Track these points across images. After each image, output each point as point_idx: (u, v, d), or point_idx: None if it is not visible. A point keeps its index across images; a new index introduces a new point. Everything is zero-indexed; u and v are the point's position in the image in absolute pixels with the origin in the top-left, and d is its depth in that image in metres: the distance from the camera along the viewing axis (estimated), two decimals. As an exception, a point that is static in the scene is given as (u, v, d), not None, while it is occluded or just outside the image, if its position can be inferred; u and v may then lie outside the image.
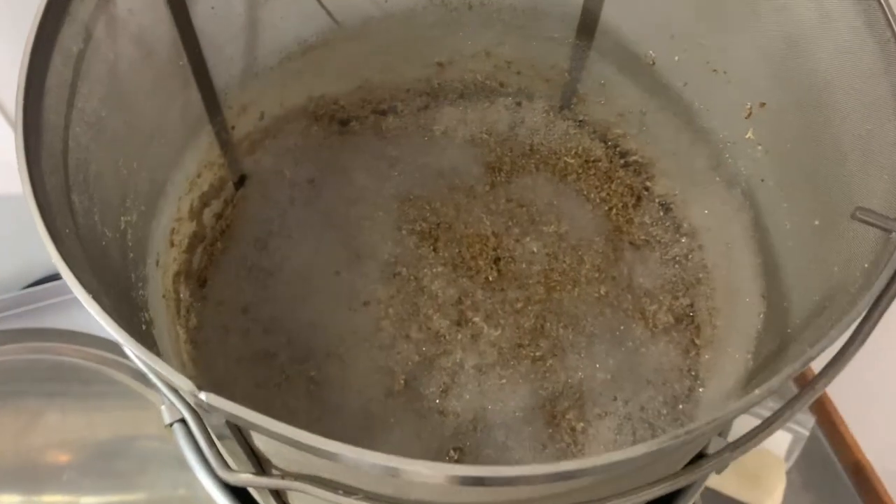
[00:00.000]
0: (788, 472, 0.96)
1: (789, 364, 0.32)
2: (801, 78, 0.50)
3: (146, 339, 0.50)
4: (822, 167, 0.49)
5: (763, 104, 0.56)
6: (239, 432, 0.34)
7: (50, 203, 0.36)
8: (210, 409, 0.30)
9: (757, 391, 0.31)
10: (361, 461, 0.29)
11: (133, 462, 0.88)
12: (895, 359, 0.97)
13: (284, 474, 0.37)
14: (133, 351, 0.31)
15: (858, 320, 0.33)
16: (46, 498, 0.82)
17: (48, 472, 0.83)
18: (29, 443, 0.84)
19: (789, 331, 0.49)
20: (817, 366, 0.36)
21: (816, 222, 0.49)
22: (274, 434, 0.30)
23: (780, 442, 0.97)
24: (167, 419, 0.59)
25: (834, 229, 0.46)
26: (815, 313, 0.44)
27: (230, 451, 0.38)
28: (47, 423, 0.86)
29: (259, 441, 0.35)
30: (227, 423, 0.33)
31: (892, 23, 0.42)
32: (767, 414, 0.36)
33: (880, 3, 0.43)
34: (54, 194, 0.38)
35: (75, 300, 0.32)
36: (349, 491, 0.35)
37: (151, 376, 0.40)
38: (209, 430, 0.37)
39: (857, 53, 0.44)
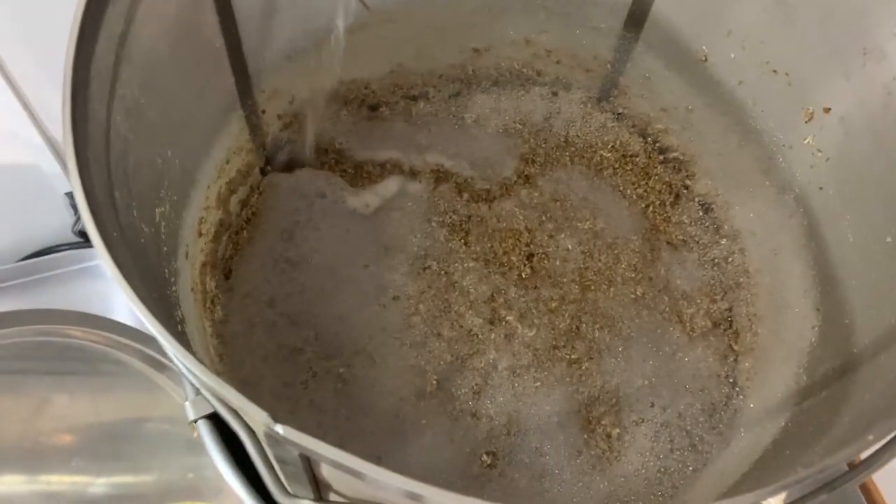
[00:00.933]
0: None
1: (881, 417, 0.30)
2: (877, 88, 0.48)
3: (182, 339, 0.47)
4: (895, 180, 0.47)
5: (828, 109, 0.54)
6: (307, 460, 0.32)
7: (99, 206, 0.34)
8: (285, 441, 0.28)
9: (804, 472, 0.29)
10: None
11: (142, 446, 0.86)
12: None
13: (346, 501, 0.35)
14: (203, 380, 0.29)
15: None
16: (55, 481, 0.80)
17: (56, 456, 0.81)
18: (37, 426, 0.81)
19: (855, 351, 0.47)
20: None
21: (889, 239, 0.47)
22: (351, 470, 0.28)
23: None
24: (192, 415, 0.57)
25: (912, 249, 0.44)
26: (889, 336, 0.42)
27: (287, 474, 0.36)
28: (55, 406, 0.83)
29: (325, 469, 0.33)
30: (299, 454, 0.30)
31: None
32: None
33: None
34: (101, 195, 0.35)
35: (74, 272, 0.29)
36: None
37: (191, 380, 0.38)
38: (267, 451, 0.34)
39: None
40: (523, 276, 0.69)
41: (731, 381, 0.65)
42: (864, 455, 0.32)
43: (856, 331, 0.48)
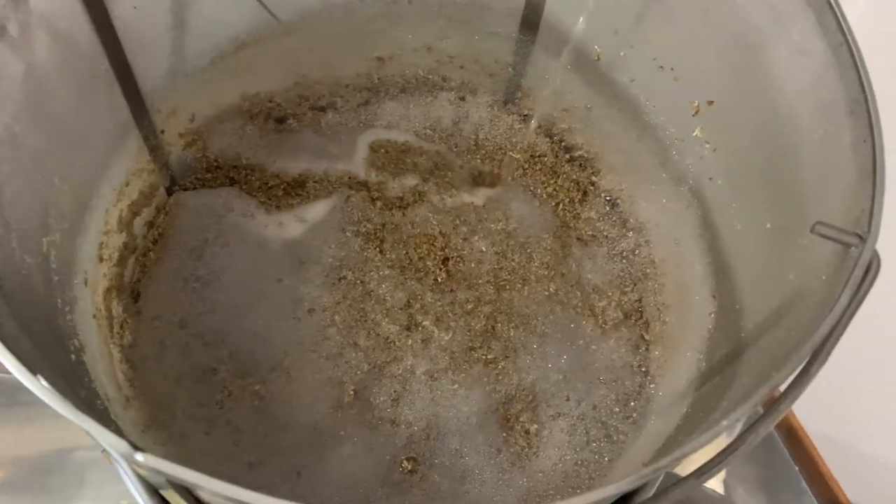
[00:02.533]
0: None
1: (747, 395, 0.31)
2: (752, 78, 0.50)
3: (77, 369, 0.46)
4: (774, 169, 0.48)
5: (711, 102, 0.56)
6: (183, 486, 0.32)
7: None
8: (151, 470, 0.28)
9: (705, 435, 0.30)
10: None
11: (71, 476, 0.85)
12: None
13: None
14: (62, 411, 0.28)
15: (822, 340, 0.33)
16: (-20, 521, 0.78)
17: (-21, 494, 0.79)
18: (-44, 465, 0.79)
19: (743, 335, 0.48)
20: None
21: (768, 225, 0.48)
22: (223, 496, 0.28)
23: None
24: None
25: (788, 234, 0.46)
26: (772, 321, 0.44)
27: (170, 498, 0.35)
28: (-25, 442, 0.81)
29: (204, 493, 0.33)
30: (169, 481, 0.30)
31: (844, 27, 0.41)
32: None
33: (831, 7, 0.42)
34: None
35: None
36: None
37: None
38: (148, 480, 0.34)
39: (810, 56, 0.44)
40: (439, 280, 0.70)
41: (643, 370, 0.66)
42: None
43: (744, 316, 0.50)
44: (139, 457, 0.27)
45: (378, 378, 0.64)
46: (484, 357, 0.66)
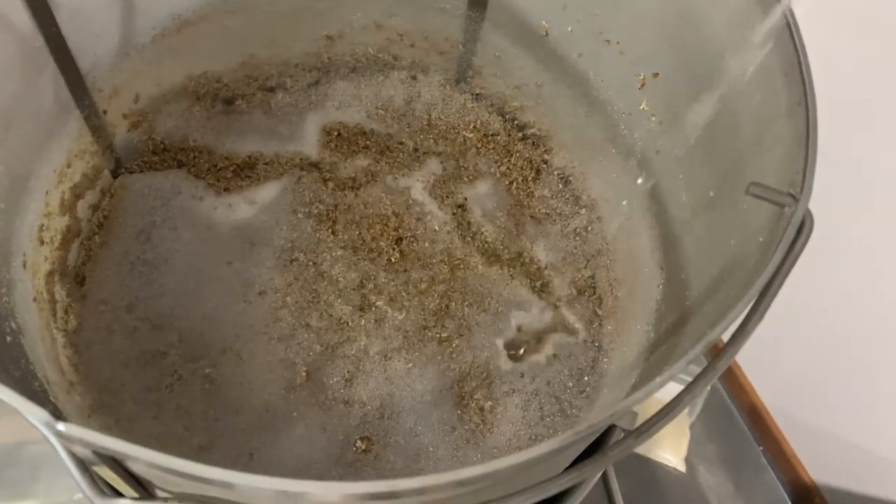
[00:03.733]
0: (692, 426, 0.99)
1: (689, 349, 0.31)
2: (692, 48, 0.50)
3: (13, 350, 0.45)
4: (715, 138, 0.49)
5: (656, 74, 0.56)
6: (113, 459, 0.31)
7: None
8: (73, 440, 0.27)
9: (657, 379, 0.31)
10: (250, 487, 0.26)
11: (23, 469, 0.83)
12: (783, 302, 1.01)
13: (171, 496, 0.34)
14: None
15: (757, 295, 0.33)
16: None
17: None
18: None
19: (688, 304, 0.49)
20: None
21: (711, 194, 0.49)
22: (150, 464, 0.27)
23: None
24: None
25: (729, 202, 0.46)
26: (714, 287, 0.44)
27: (104, 474, 0.35)
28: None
29: (137, 466, 0.32)
30: (95, 453, 0.29)
31: (778, -6, 0.41)
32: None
33: (766, -25, 0.42)
34: None
35: None
36: (241, 509, 0.33)
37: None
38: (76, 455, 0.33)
39: (747, 26, 0.44)
40: (392, 260, 0.69)
41: (596, 345, 0.67)
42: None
43: (690, 285, 0.51)
44: (61, 427, 0.27)
45: (331, 359, 0.64)
46: (438, 336, 0.66)
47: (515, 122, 0.75)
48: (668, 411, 0.34)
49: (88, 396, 0.57)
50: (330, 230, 0.70)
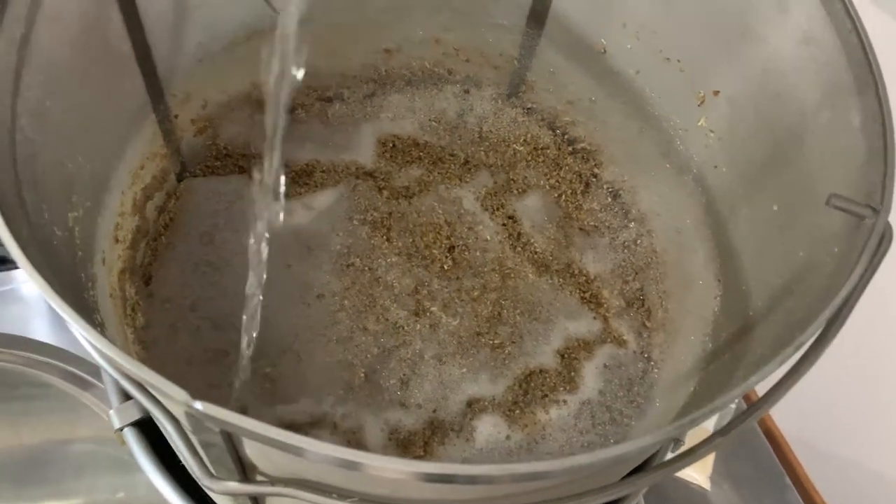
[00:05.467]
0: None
1: (768, 357, 0.33)
2: (757, 67, 0.52)
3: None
4: (780, 154, 0.50)
5: (717, 92, 0.57)
6: (230, 440, 0.33)
7: (7, 204, 0.34)
8: (205, 418, 0.29)
9: (736, 390, 0.32)
10: (387, 468, 0.28)
11: (67, 467, 0.85)
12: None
13: (273, 480, 0.36)
14: (118, 362, 0.29)
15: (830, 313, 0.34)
16: (-25, 512, 0.78)
17: (-26, 485, 0.79)
18: (-47, 455, 0.79)
19: (751, 313, 0.50)
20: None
21: (775, 207, 0.50)
22: (277, 443, 0.28)
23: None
24: (117, 423, 0.56)
25: (796, 214, 0.47)
26: (781, 296, 0.46)
27: (212, 458, 0.36)
28: (-30, 432, 0.81)
29: (249, 447, 0.34)
30: (221, 431, 0.31)
31: (853, 13, 0.43)
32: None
33: (839, -6, 0.44)
34: (9, 193, 0.35)
35: None
36: (343, 494, 0.34)
37: (111, 380, 0.38)
38: (190, 436, 0.35)
39: (816, 44, 0.46)
40: (445, 267, 0.71)
41: (645, 356, 0.68)
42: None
43: (751, 296, 0.52)
44: (198, 405, 0.28)
45: (387, 361, 0.65)
46: (491, 342, 0.67)
47: (566, 136, 0.76)
48: (728, 430, 0.35)
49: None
50: (384, 237, 0.72)
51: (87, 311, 0.47)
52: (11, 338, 0.83)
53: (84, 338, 0.30)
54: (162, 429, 0.40)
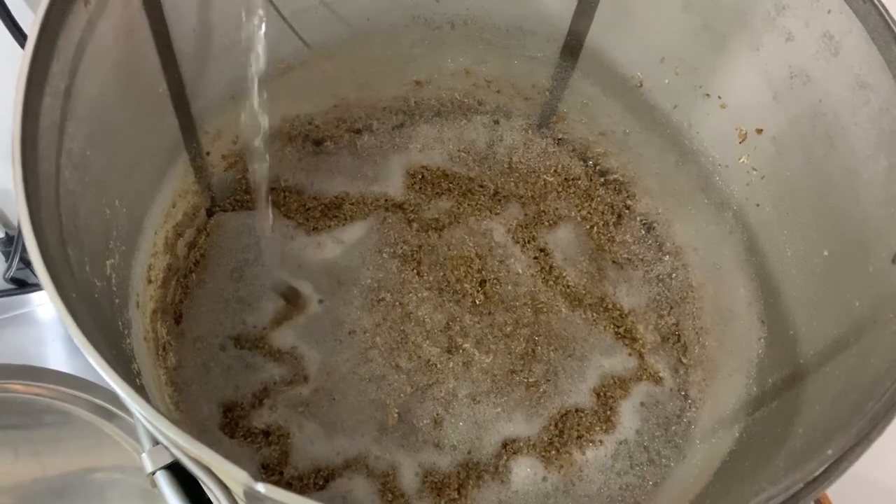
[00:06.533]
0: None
1: (846, 431, 0.31)
2: (805, 108, 0.51)
3: (141, 394, 0.46)
4: (830, 197, 0.49)
5: (760, 130, 0.56)
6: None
7: (56, 268, 0.33)
8: (265, 498, 0.28)
9: (814, 461, 0.30)
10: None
11: (91, 498, 0.84)
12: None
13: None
14: (178, 442, 0.28)
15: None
16: (0, 542, 0.78)
17: (0, 515, 0.78)
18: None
19: (802, 361, 0.49)
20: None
21: (826, 253, 0.49)
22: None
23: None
24: (150, 467, 0.55)
25: (850, 262, 0.46)
26: (837, 348, 0.44)
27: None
28: (-2, 463, 0.80)
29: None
30: None
31: (910, 60, 0.42)
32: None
33: (896, 41, 0.43)
34: (56, 255, 0.34)
35: (6, 320, 0.29)
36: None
37: (164, 442, 0.37)
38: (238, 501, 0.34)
39: (871, 89, 0.45)
40: (477, 302, 0.70)
41: (682, 393, 0.67)
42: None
43: (800, 342, 0.51)
44: (261, 487, 0.27)
45: (421, 401, 0.64)
46: (525, 380, 0.66)
47: (598, 167, 0.75)
48: (823, 480, 0.33)
49: (208, 447, 0.57)
50: (415, 271, 0.71)
51: (127, 361, 0.46)
52: (34, 370, 0.82)
53: (140, 416, 0.29)
54: (206, 488, 0.39)
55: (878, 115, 0.45)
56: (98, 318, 0.40)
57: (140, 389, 0.45)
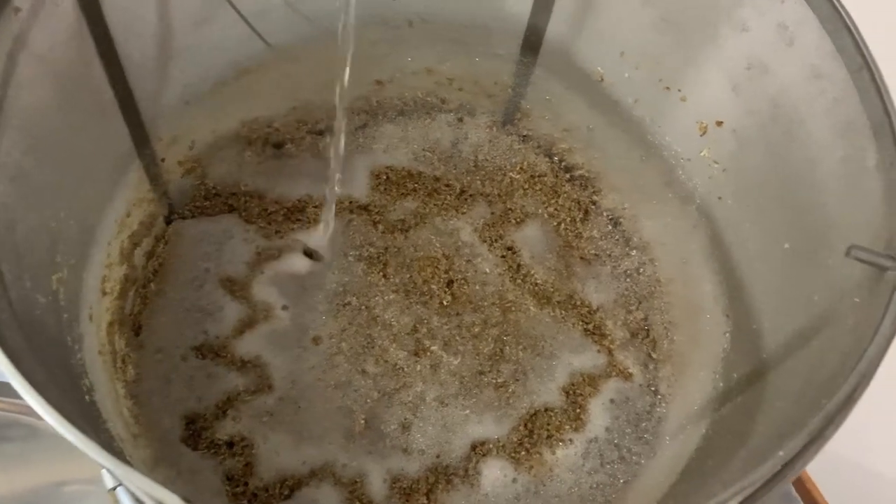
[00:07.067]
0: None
1: (798, 430, 0.31)
2: (763, 100, 0.50)
3: (92, 410, 0.45)
4: (790, 189, 0.49)
5: (720, 123, 0.56)
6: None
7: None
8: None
9: (769, 463, 0.30)
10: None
11: (62, 509, 0.82)
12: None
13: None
14: (104, 464, 0.27)
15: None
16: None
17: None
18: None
19: (764, 356, 0.48)
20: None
21: (786, 245, 0.49)
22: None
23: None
24: (110, 483, 0.54)
25: (809, 255, 0.46)
26: (797, 343, 0.44)
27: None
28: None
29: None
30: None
31: (863, 48, 0.42)
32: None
33: (849, 29, 0.42)
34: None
35: None
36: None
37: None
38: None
39: (827, 78, 0.44)
40: (444, 303, 0.69)
41: (652, 389, 0.66)
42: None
43: (763, 336, 0.50)
44: (194, 512, 0.26)
45: (388, 406, 0.63)
46: (494, 381, 0.65)
47: (563, 163, 0.75)
48: (778, 479, 0.33)
49: (150, 449, 0.56)
50: (381, 273, 0.70)
51: (75, 378, 0.45)
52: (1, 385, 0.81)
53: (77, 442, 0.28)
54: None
55: (834, 105, 0.44)
56: (40, 338, 0.39)
57: (90, 406, 0.44)
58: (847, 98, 0.43)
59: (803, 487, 1.11)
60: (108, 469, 0.27)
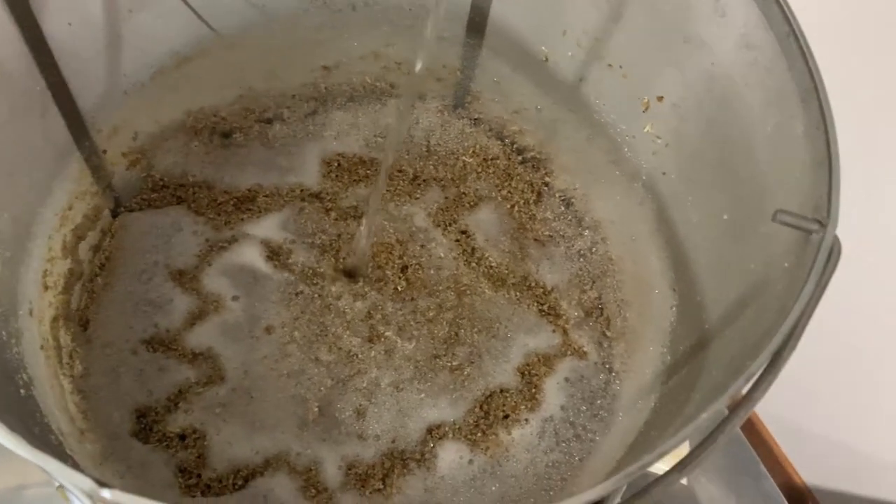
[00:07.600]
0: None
1: (726, 379, 0.31)
2: (700, 72, 0.51)
3: (28, 404, 0.44)
4: (728, 161, 0.49)
5: (661, 98, 0.56)
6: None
7: None
8: (119, 506, 0.26)
9: (703, 415, 0.30)
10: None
11: (23, 513, 0.81)
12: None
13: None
14: (20, 451, 0.27)
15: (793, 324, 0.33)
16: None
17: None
18: None
19: (707, 327, 0.49)
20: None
21: (725, 217, 0.49)
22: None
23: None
24: (58, 481, 0.54)
25: (746, 225, 0.46)
26: (735, 311, 0.44)
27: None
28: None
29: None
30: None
31: (790, 16, 0.42)
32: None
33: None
34: None
35: None
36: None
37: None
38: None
39: (757, 48, 0.45)
40: (399, 289, 0.69)
41: (607, 367, 0.67)
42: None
43: (706, 308, 0.51)
44: (106, 493, 0.26)
45: (342, 393, 0.63)
46: (449, 364, 0.65)
47: (515, 145, 0.75)
48: (710, 442, 0.33)
49: (99, 444, 0.56)
50: (334, 260, 0.69)
51: (10, 372, 0.44)
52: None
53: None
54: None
55: (765, 75, 0.45)
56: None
57: (25, 400, 0.43)
58: (777, 67, 0.43)
59: (783, 471, 1.12)
60: (26, 456, 0.27)
